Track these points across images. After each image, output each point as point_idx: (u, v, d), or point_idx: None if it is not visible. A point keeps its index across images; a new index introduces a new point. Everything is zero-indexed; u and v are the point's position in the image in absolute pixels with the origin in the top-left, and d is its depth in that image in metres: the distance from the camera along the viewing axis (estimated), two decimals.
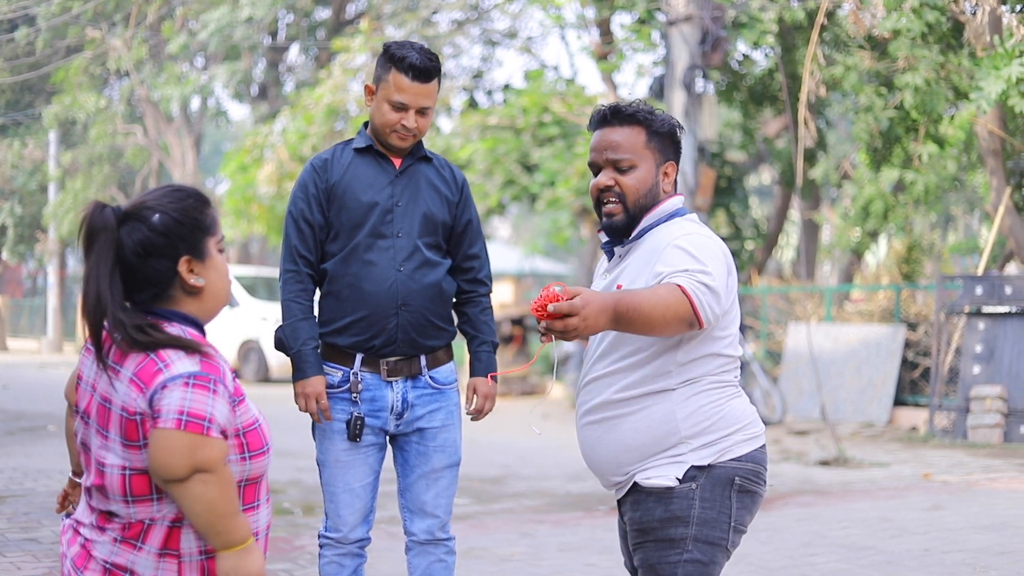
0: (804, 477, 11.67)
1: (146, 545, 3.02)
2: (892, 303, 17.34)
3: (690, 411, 3.75)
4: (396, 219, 4.81)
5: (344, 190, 4.81)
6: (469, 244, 5.00)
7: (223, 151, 42.36)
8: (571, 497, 10.16)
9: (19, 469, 10.99)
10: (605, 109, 3.91)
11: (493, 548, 8.01)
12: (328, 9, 34.59)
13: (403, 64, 4.73)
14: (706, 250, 3.68)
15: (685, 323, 3.56)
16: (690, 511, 3.73)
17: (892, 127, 15.95)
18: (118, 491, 3.01)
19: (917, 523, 8.96)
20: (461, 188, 4.99)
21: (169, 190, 3.10)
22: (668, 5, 16.50)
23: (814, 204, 23.66)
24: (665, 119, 3.91)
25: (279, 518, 9.10)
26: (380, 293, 4.77)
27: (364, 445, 4.83)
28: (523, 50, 26.97)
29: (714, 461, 3.75)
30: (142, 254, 3.02)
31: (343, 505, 4.86)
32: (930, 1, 14.14)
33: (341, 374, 4.83)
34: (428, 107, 4.80)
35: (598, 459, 3.92)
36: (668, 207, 3.89)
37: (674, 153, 3.94)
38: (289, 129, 24.66)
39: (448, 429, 4.92)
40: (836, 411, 16.37)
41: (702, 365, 3.77)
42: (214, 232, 3.12)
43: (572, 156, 20.29)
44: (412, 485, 4.92)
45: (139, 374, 2.97)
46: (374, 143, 4.88)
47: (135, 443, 2.97)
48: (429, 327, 4.85)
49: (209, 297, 3.13)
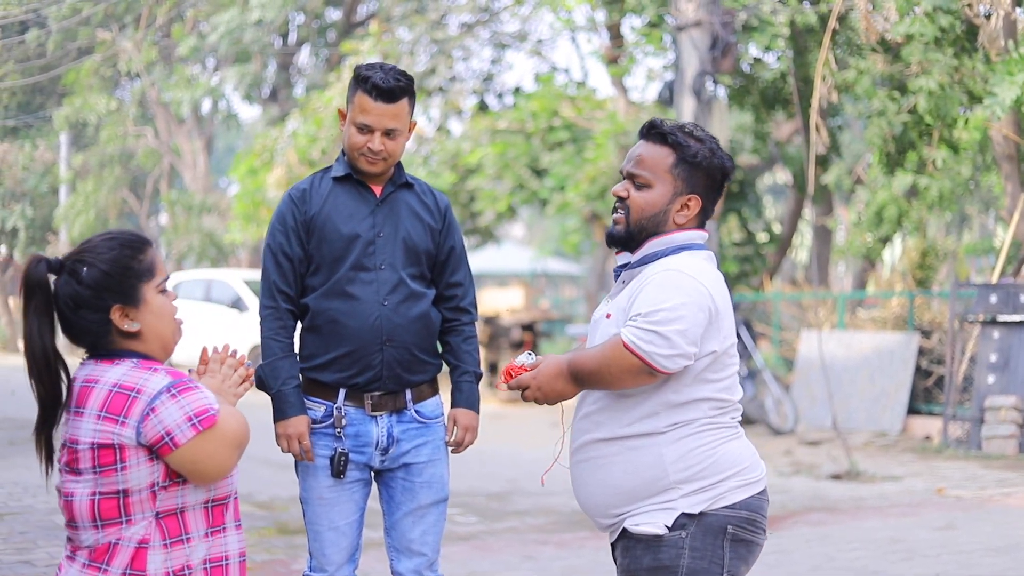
0: (815, 492, 11.49)
1: (111, 567, 3.08)
2: (905, 310, 17.13)
3: (679, 454, 3.61)
4: (378, 250, 4.65)
5: (324, 222, 4.66)
6: (452, 272, 4.83)
7: (237, 152, 42.36)
8: (577, 515, 9.99)
9: (19, 483, 10.86)
10: (648, 122, 3.82)
11: (494, 572, 7.86)
12: (339, 11, 34.46)
13: (367, 84, 4.59)
14: (677, 290, 3.54)
15: (640, 374, 3.50)
16: (679, 561, 3.60)
17: (905, 132, 15.77)
18: (87, 516, 3.09)
19: (929, 544, 8.77)
20: (444, 214, 4.83)
21: (104, 239, 3.20)
22: (678, 10, 16.33)
23: (827, 209, 23.48)
24: (706, 152, 3.73)
25: (278, 538, 8.95)
26: (364, 329, 4.61)
27: (349, 481, 4.68)
28: (533, 53, 26.81)
29: (706, 508, 3.62)
30: (72, 307, 3.14)
31: (328, 544, 4.70)
32: (943, 5, 13.95)
33: (324, 409, 4.67)
34: (395, 128, 4.64)
35: (586, 500, 3.81)
36: (680, 239, 3.73)
37: (705, 188, 3.76)
38: (299, 132, 24.55)
39: (435, 464, 4.77)
40: (849, 420, 16.18)
41: (694, 409, 3.63)
42: (150, 277, 3.20)
43: (581, 161, 20.16)
44: (398, 523, 4.76)
45: (109, 408, 3.06)
46: (352, 171, 4.72)
47: (110, 467, 3.06)
48: (415, 362, 4.69)
49: (151, 338, 3.20)
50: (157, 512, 3.10)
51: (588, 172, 19.63)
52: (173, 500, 3.12)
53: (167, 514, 3.11)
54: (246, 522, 9.53)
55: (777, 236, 23.08)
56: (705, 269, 3.67)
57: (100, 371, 3.14)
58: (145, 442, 3.04)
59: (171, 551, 3.11)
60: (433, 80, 24.89)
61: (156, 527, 3.10)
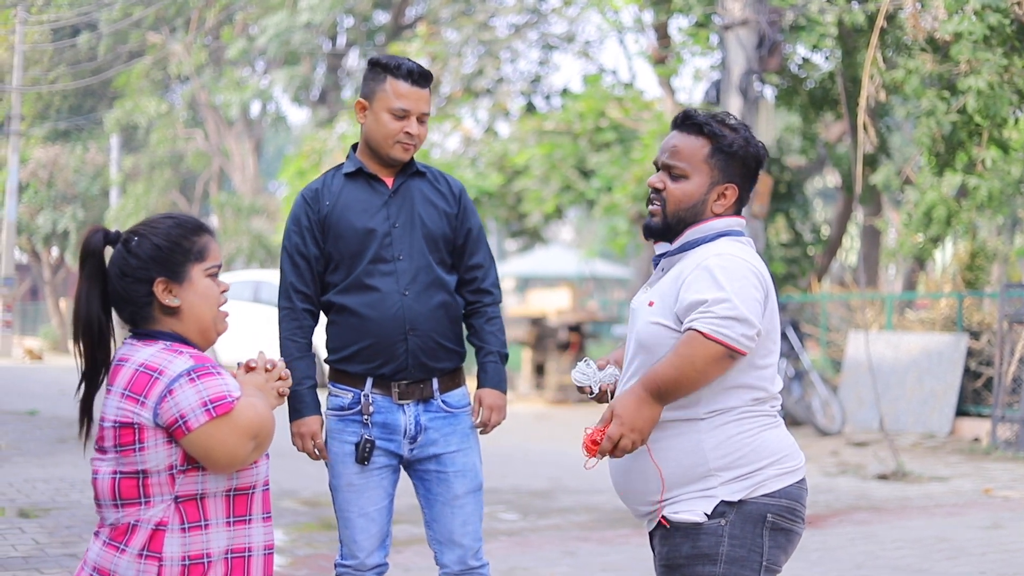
0: (861, 492, 11.41)
1: (128, 547, 3.09)
2: (954, 311, 16.99)
3: (718, 441, 3.58)
4: (395, 242, 4.70)
5: (338, 219, 4.71)
6: (471, 254, 4.86)
7: (286, 155, 42.58)
8: (619, 513, 9.96)
9: (66, 480, 10.93)
10: (682, 112, 3.80)
11: (534, 568, 7.84)
12: (387, 13, 34.57)
13: (400, 71, 4.65)
14: (733, 273, 3.52)
15: (724, 360, 3.46)
16: (718, 549, 3.57)
17: (955, 131, 15.62)
18: (108, 495, 3.13)
19: (975, 543, 8.69)
20: (459, 198, 4.86)
21: (164, 217, 3.29)
22: (724, 9, 16.26)
23: (875, 210, 23.28)
24: (741, 141, 3.72)
25: (322, 533, 8.98)
26: (386, 320, 4.66)
27: (376, 468, 4.71)
28: (581, 54, 26.79)
29: (746, 496, 3.58)
30: (119, 274, 3.21)
31: (358, 530, 4.73)
32: (992, 3, 13.82)
33: (352, 396, 4.72)
34: (427, 113, 4.72)
35: (625, 488, 3.78)
36: (718, 225, 3.71)
37: (740, 176, 3.74)
38: (347, 134, 24.64)
39: (465, 452, 4.79)
40: (897, 421, 16.07)
41: (734, 396, 3.60)
42: (200, 259, 3.25)
43: (629, 161, 20.10)
44: (438, 515, 4.79)
45: (132, 387, 3.09)
46: (364, 165, 4.76)
47: (129, 447, 3.09)
48: (439, 349, 4.73)
49: (189, 318, 3.24)
50: (176, 496, 3.11)
51: (635, 173, 19.58)
52: (193, 485, 3.12)
53: (187, 499, 3.12)
54: (290, 518, 9.60)
55: (825, 238, 22.94)
56: (752, 254, 3.67)
57: (133, 351, 3.17)
58: (162, 424, 3.06)
59: (189, 536, 3.11)
60: (481, 81, 24.94)
61: (175, 511, 3.11)
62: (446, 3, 28.81)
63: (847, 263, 34.68)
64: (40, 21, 33.62)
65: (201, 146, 36.66)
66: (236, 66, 34.25)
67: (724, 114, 3.80)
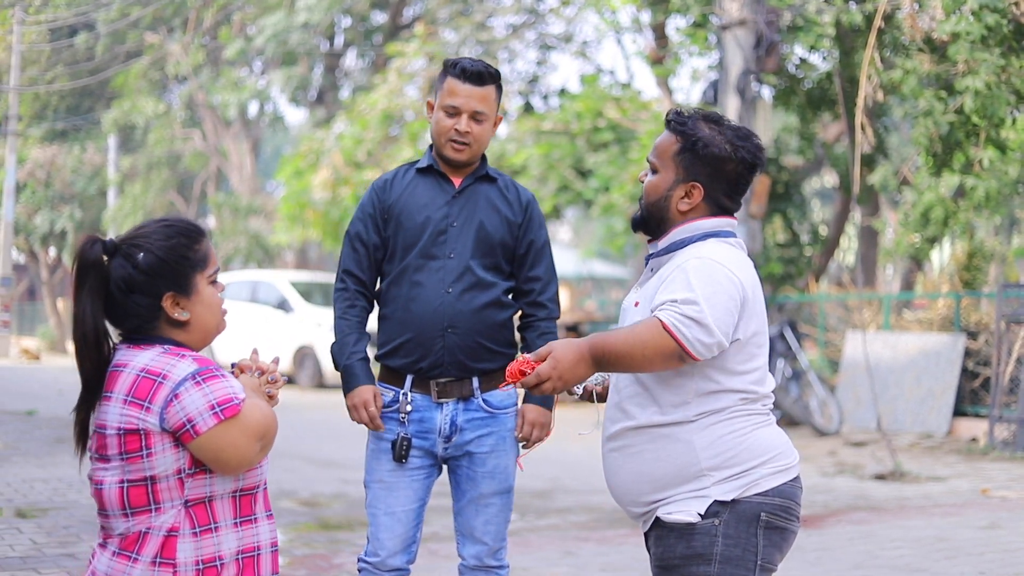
0: (859, 492, 11.42)
1: (141, 556, 3.07)
2: (952, 311, 17.01)
3: (710, 441, 3.58)
4: (449, 240, 4.77)
5: (401, 210, 4.80)
6: (531, 266, 4.92)
7: (284, 154, 42.57)
8: (618, 513, 9.97)
9: (64, 480, 10.93)
10: (671, 109, 3.83)
11: (534, 568, 7.85)
12: (385, 13, 34.57)
13: (455, 69, 4.74)
14: (708, 278, 3.49)
15: (672, 358, 3.43)
16: (712, 548, 3.57)
17: (952, 132, 15.62)
18: (116, 504, 3.09)
19: (973, 543, 8.71)
20: (526, 208, 4.92)
21: (161, 225, 3.21)
22: (722, 9, 16.27)
23: (873, 210, 23.28)
24: (716, 141, 3.67)
25: (320, 533, 8.98)
26: (426, 315, 4.72)
27: (411, 468, 4.77)
28: (579, 54, 26.79)
29: (739, 496, 3.58)
30: (125, 289, 3.13)
31: (383, 528, 4.77)
32: (990, 3, 13.83)
33: (392, 394, 4.80)
34: (482, 112, 4.74)
35: (618, 488, 3.78)
36: (706, 225, 3.69)
37: (707, 177, 3.68)
38: (345, 134, 24.62)
39: (498, 455, 4.83)
40: (895, 421, 16.08)
41: (723, 398, 3.59)
42: (204, 267, 3.21)
43: (626, 162, 20.10)
44: (463, 509, 4.87)
45: (135, 394, 3.05)
46: (436, 163, 4.84)
47: (136, 453, 3.05)
48: (480, 350, 4.77)
49: (196, 328, 3.22)
50: (186, 500, 3.10)
51: (633, 173, 19.57)
52: (202, 488, 3.11)
53: (196, 502, 3.11)
54: (289, 518, 9.60)
55: (823, 238, 22.95)
56: (735, 257, 3.62)
57: (130, 356, 3.13)
58: (168, 428, 3.04)
59: (200, 540, 3.11)
60: None
61: (185, 516, 3.10)
62: (444, 3, 28.82)
63: (845, 263, 34.68)
64: (38, 21, 33.61)
65: (199, 146, 36.64)
66: (234, 66, 34.23)
67: (718, 115, 3.79)
